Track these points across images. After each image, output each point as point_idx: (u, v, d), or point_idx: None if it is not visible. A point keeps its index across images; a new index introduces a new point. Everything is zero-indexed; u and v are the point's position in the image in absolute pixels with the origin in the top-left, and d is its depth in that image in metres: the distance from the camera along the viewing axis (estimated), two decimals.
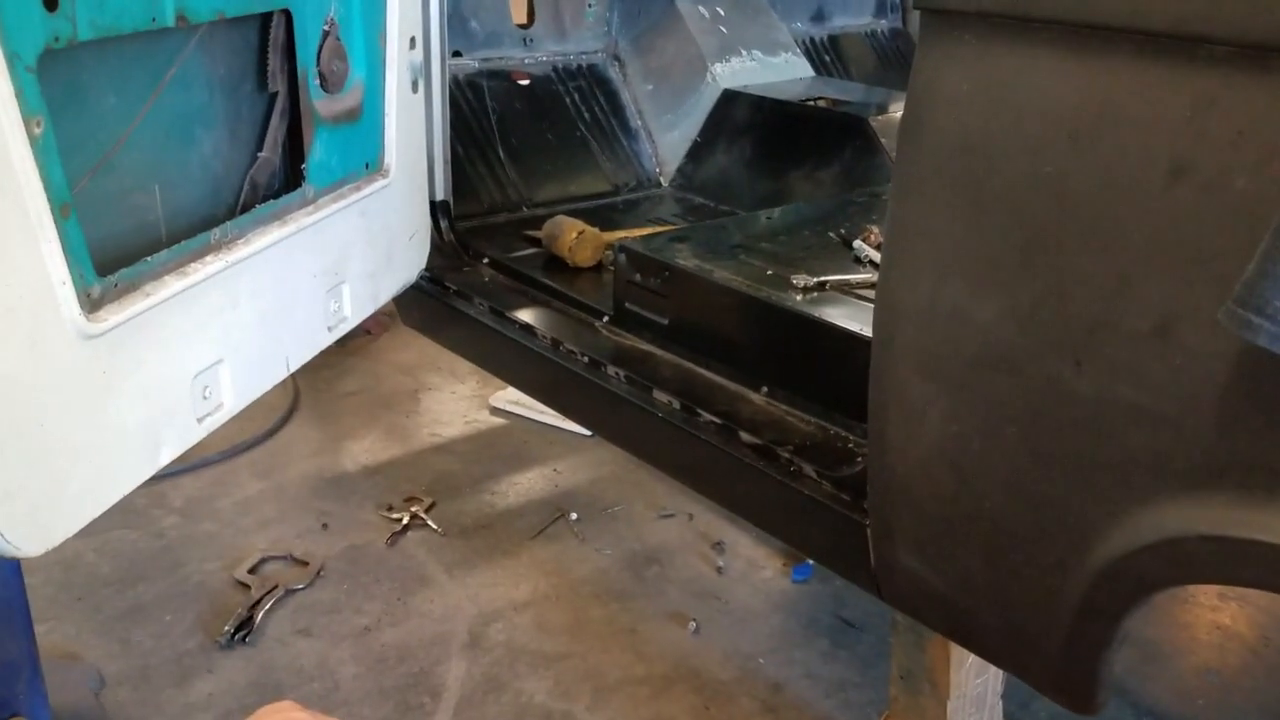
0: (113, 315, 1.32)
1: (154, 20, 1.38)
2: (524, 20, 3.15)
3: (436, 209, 2.54)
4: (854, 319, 1.79)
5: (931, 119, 1.26)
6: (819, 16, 3.74)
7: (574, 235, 2.57)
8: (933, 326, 1.31)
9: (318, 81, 1.79)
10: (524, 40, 3.10)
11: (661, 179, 3.23)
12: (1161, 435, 1.11)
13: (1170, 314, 1.07)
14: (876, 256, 2.03)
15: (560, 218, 2.65)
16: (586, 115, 3.17)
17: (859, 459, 1.64)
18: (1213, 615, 2.52)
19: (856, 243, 2.14)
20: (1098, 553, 1.20)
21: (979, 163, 1.21)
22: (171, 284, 1.44)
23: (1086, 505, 1.20)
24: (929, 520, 1.39)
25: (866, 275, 1.96)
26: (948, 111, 1.23)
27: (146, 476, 1.44)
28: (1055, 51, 1.13)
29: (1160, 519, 1.13)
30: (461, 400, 3.67)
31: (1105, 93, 1.09)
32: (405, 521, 2.88)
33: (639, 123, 3.24)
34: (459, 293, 2.48)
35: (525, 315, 2.36)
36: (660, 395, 1.98)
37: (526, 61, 3.10)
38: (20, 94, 1.16)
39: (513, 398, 3.51)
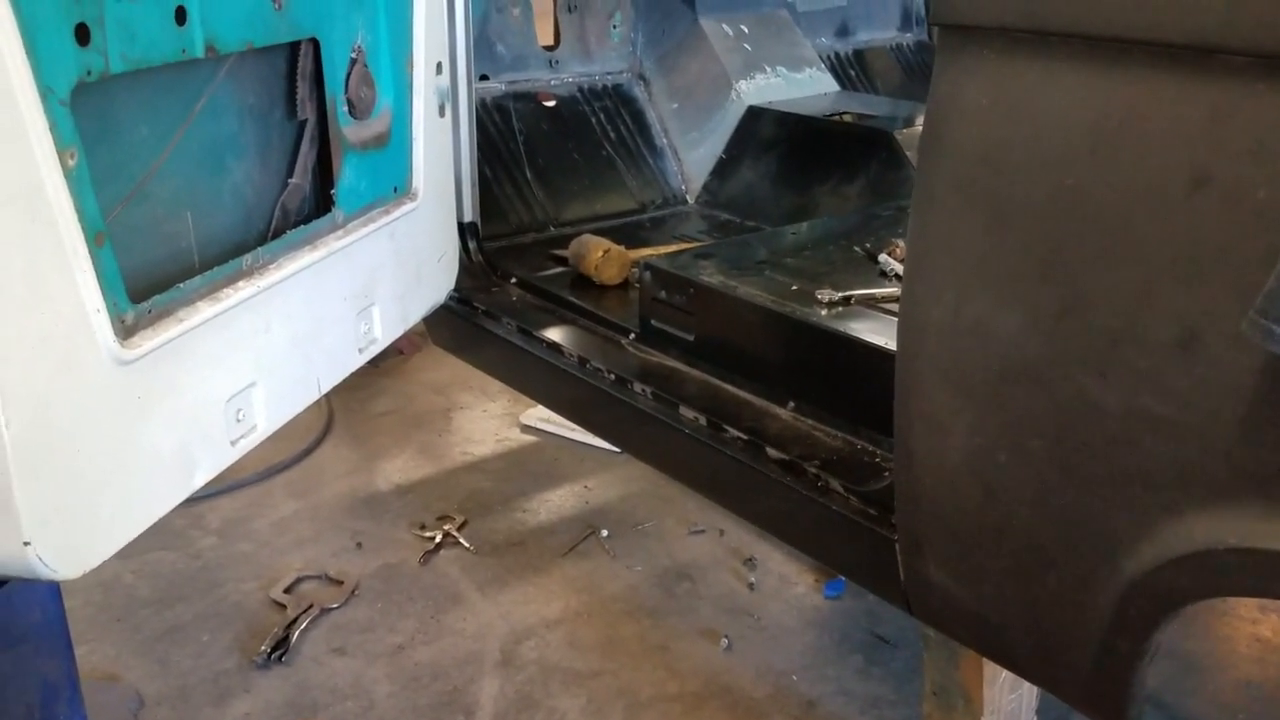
0: (146, 341, 1.35)
1: (184, 52, 1.41)
2: (550, 42, 3.18)
3: (464, 230, 2.57)
4: (879, 333, 1.79)
5: (951, 133, 1.26)
6: (843, 31, 3.75)
7: (600, 254, 2.59)
8: (957, 339, 1.31)
9: (346, 108, 1.81)
10: (550, 62, 3.13)
11: (687, 196, 3.25)
12: (1188, 446, 1.10)
13: (1194, 325, 1.06)
14: (902, 271, 2.03)
15: (586, 237, 2.67)
16: (612, 134, 3.19)
17: (886, 473, 1.64)
18: (1253, 628, 2.48)
19: (882, 257, 2.14)
20: (1127, 565, 1.19)
21: (1000, 176, 1.22)
22: (204, 309, 1.47)
23: (1115, 518, 1.19)
24: (957, 535, 1.39)
25: (892, 289, 1.96)
26: (967, 125, 1.24)
27: (181, 499, 1.46)
28: (1073, 64, 1.13)
29: (1189, 531, 1.12)
30: (493, 419, 3.69)
31: (1124, 105, 1.09)
32: (438, 540, 2.90)
33: (664, 141, 3.26)
34: (487, 312, 2.50)
35: (553, 334, 2.37)
36: (687, 411, 1.98)
37: (552, 83, 3.13)
38: (54, 127, 1.18)
39: (543, 415, 3.53)
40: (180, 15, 1.39)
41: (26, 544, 1.19)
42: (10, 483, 1.17)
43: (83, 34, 1.23)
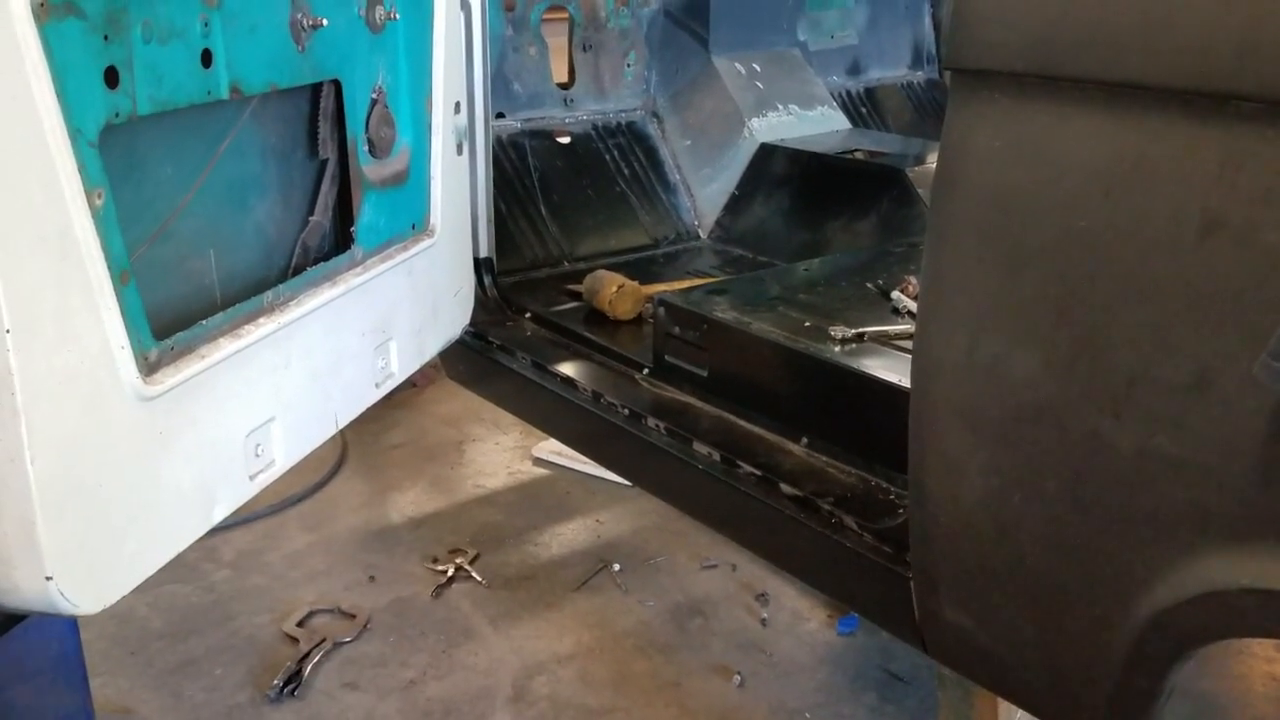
0: (169, 378, 1.37)
1: (209, 93, 1.44)
2: (565, 80, 3.22)
3: (480, 265, 2.60)
4: (893, 370, 1.80)
5: (965, 175, 1.28)
6: (855, 70, 3.78)
7: (614, 289, 2.60)
8: (971, 379, 1.32)
9: (366, 147, 1.84)
10: (565, 100, 3.17)
11: (700, 231, 3.27)
12: (1203, 487, 1.10)
13: (1207, 366, 1.07)
14: (915, 308, 2.04)
15: (600, 272, 2.69)
16: (626, 171, 3.22)
17: (901, 511, 1.64)
18: (1268, 667, 2.46)
19: (895, 294, 2.15)
20: (1142, 605, 1.19)
21: (1013, 218, 1.23)
22: (225, 346, 1.49)
23: (1130, 558, 1.19)
24: (972, 573, 1.39)
25: (905, 326, 1.97)
26: (980, 168, 1.25)
27: (200, 534, 1.47)
28: (1085, 109, 1.15)
29: (1204, 571, 1.12)
30: (505, 451, 3.70)
31: (1136, 149, 1.11)
32: (450, 573, 2.90)
33: (677, 177, 3.29)
34: (502, 347, 2.52)
35: (566, 369, 2.39)
36: (700, 447, 1.99)
37: (567, 120, 3.17)
38: (83, 168, 1.21)
39: (555, 448, 3.53)
40: (206, 58, 1.42)
41: (49, 579, 1.21)
42: (34, 518, 1.19)
43: (112, 77, 1.26)
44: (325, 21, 1.61)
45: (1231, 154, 1.03)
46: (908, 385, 1.43)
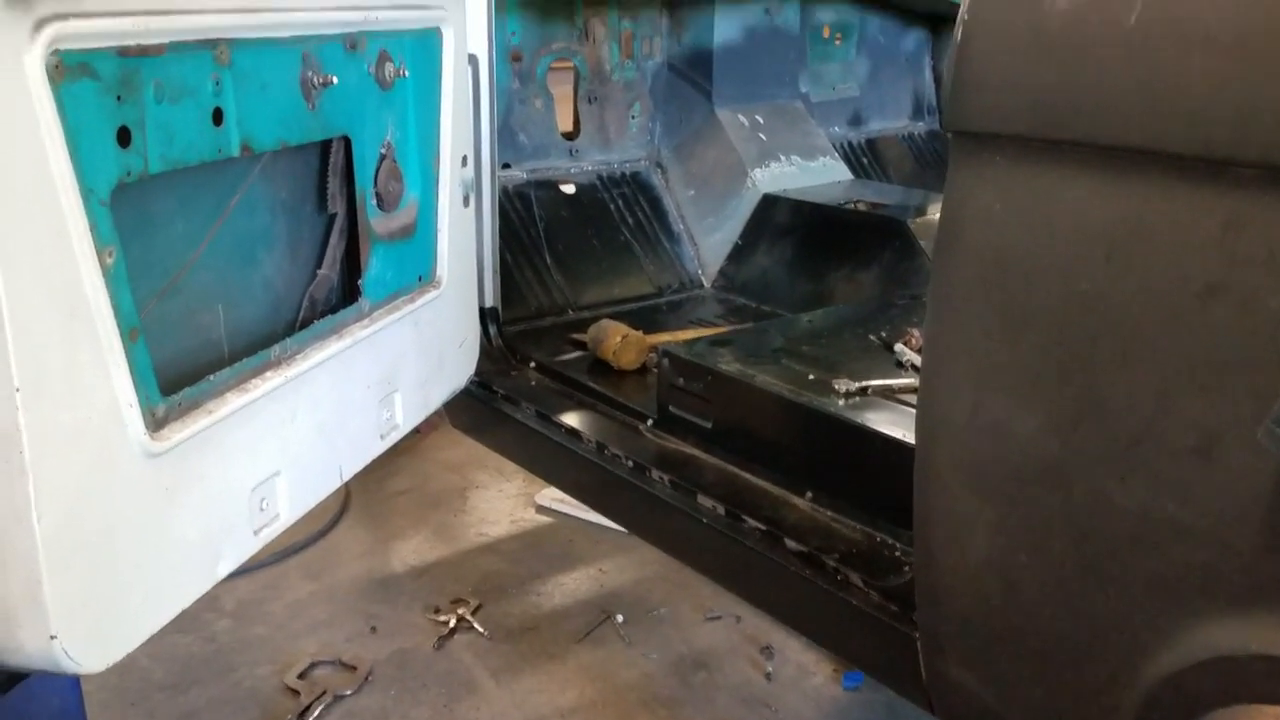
0: (176, 434, 1.37)
1: (220, 151, 1.46)
2: (569, 129, 3.26)
3: (485, 315, 2.61)
4: (897, 425, 1.80)
5: (966, 236, 1.29)
6: (856, 121, 3.82)
7: (618, 339, 2.61)
8: (975, 439, 1.32)
9: (375, 201, 1.86)
10: (570, 151, 3.20)
11: (704, 280, 3.29)
12: (1209, 551, 1.10)
13: (1211, 430, 1.07)
14: (918, 361, 2.04)
15: (605, 322, 2.70)
16: (630, 220, 3.24)
17: (907, 568, 1.64)
18: None
19: (898, 346, 2.16)
20: (1150, 669, 1.19)
21: (1015, 279, 1.24)
22: (232, 400, 1.49)
23: (1137, 621, 1.19)
24: (979, 634, 1.38)
25: (909, 380, 1.98)
26: (982, 229, 1.26)
27: (205, 590, 1.47)
28: (1085, 172, 1.16)
29: (1211, 636, 1.11)
30: (508, 498, 3.69)
31: (1137, 213, 1.12)
32: (452, 624, 2.88)
33: (681, 226, 3.32)
34: (506, 397, 2.53)
35: (571, 419, 2.39)
36: (705, 500, 1.99)
37: (572, 171, 3.20)
38: (94, 227, 1.22)
39: (558, 495, 3.52)
40: (218, 116, 1.44)
41: (53, 637, 1.20)
42: (40, 576, 1.18)
43: (124, 136, 1.28)
44: (335, 79, 1.63)
45: (1232, 219, 1.04)
46: (912, 441, 1.43)
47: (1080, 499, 1.21)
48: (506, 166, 3.02)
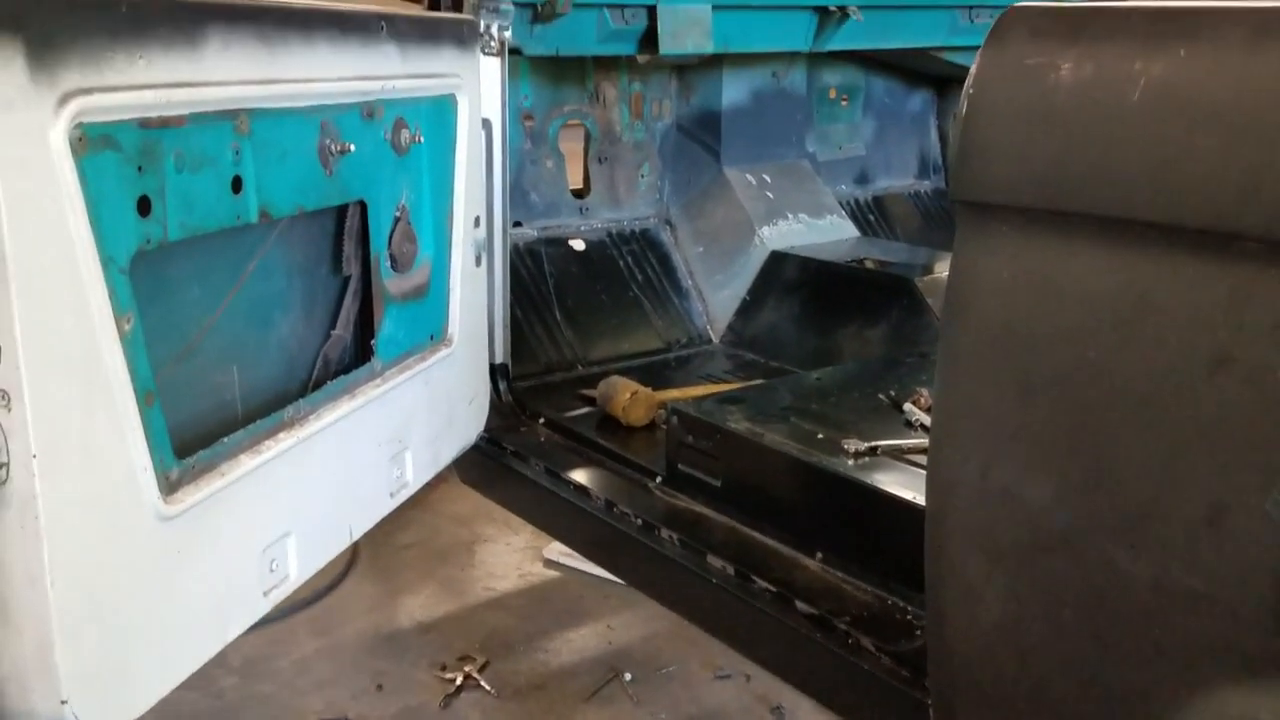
0: (189, 496, 1.38)
1: (238, 218, 1.48)
2: (579, 185, 3.30)
3: (496, 371, 2.62)
4: (907, 487, 1.80)
5: (974, 304, 1.30)
6: (862, 179, 3.86)
7: (628, 396, 2.62)
8: (986, 504, 1.32)
9: (389, 263, 1.88)
10: (580, 209, 3.24)
11: (713, 336, 3.31)
12: (1220, 622, 1.10)
13: (1221, 500, 1.08)
14: (927, 420, 2.05)
15: (614, 378, 2.71)
16: (639, 276, 3.27)
17: (918, 632, 1.63)
18: None
19: (907, 406, 2.17)
20: None
21: (1023, 346, 1.25)
22: (245, 462, 1.50)
23: (1150, 689, 1.18)
24: (992, 701, 1.37)
25: (918, 440, 1.98)
26: (989, 297, 1.28)
27: (214, 653, 1.47)
28: (1091, 242, 1.17)
29: (1224, 706, 1.10)
30: (516, 552, 3.68)
31: (1143, 284, 1.13)
32: (459, 682, 2.87)
33: (690, 282, 3.34)
34: (516, 453, 2.53)
35: (580, 476, 2.39)
36: (714, 560, 1.98)
37: (582, 228, 3.23)
38: (113, 295, 1.24)
39: (566, 549, 3.51)
40: (236, 184, 1.46)
41: (64, 702, 1.21)
42: (52, 641, 1.19)
43: (144, 206, 1.30)
44: (353, 147, 1.66)
45: (1239, 291, 1.05)
46: (922, 503, 1.43)
47: (1091, 567, 1.20)
48: (518, 224, 3.05)
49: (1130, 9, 1.18)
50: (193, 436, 1.46)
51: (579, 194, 3.28)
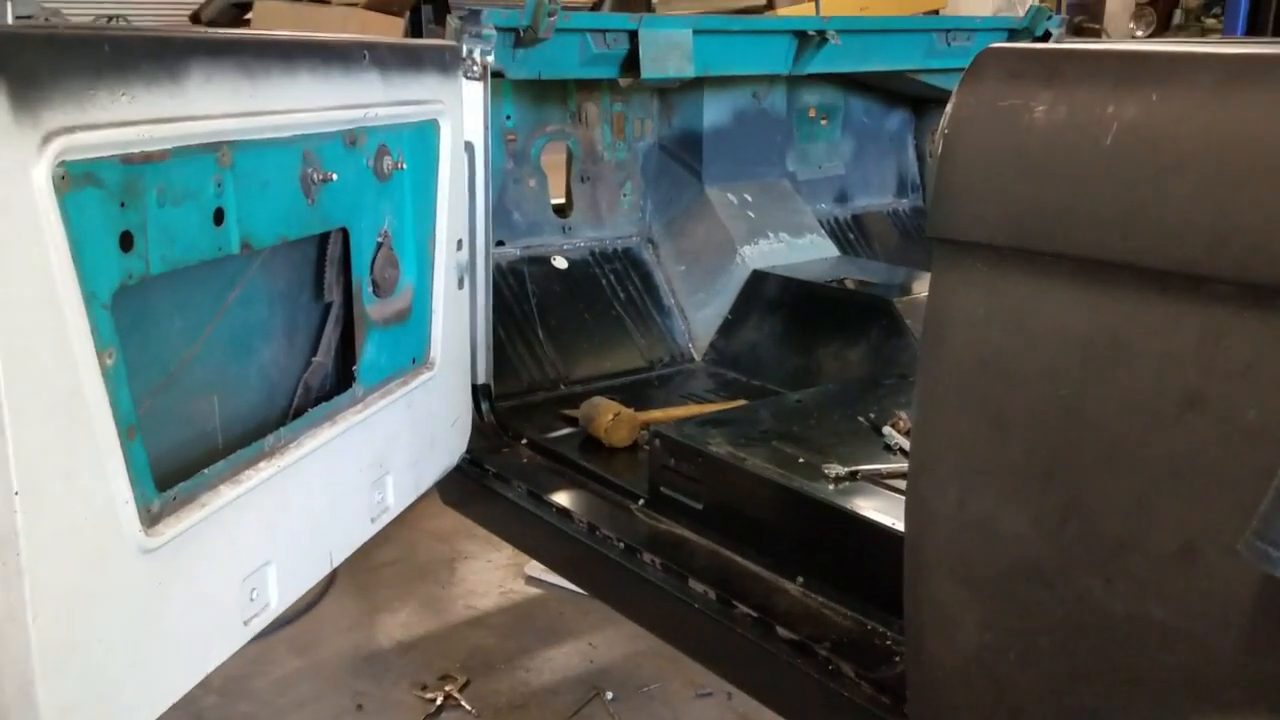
0: (170, 528, 1.38)
1: (220, 250, 1.48)
2: (562, 202, 3.31)
3: (478, 392, 2.62)
4: (887, 513, 1.82)
5: (951, 339, 1.32)
6: (842, 198, 3.89)
7: (610, 417, 2.63)
8: (963, 534, 1.34)
9: (371, 288, 1.89)
10: (563, 228, 3.25)
11: (695, 354, 3.32)
12: (1193, 654, 1.12)
13: (1192, 536, 1.10)
14: (906, 444, 2.07)
15: (597, 399, 2.72)
16: (622, 295, 3.28)
17: (898, 659, 1.65)
18: None
19: (886, 429, 2.18)
20: None
21: (998, 381, 1.27)
22: (226, 493, 1.50)
23: None
24: None
25: (898, 465, 2.00)
26: (965, 333, 1.29)
27: (194, 683, 1.47)
28: (1065, 283, 1.19)
29: None
30: (497, 569, 3.68)
31: (1115, 323, 1.15)
32: (440, 702, 2.86)
33: (672, 301, 3.36)
34: (498, 474, 2.53)
35: (562, 498, 2.40)
36: (696, 585, 1.99)
37: (565, 247, 3.24)
38: (95, 330, 1.24)
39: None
40: (218, 216, 1.47)
41: None
42: (33, 677, 1.19)
43: (126, 241, 1.30)
44: (335, 175, 1.66)
45: (1210, 332, 1.07)
46: (901, 529, 1.45)
47: (1066, 598, 1.22)
48: (500, 244, 3.06)
49: (1103, 52, 1.21)
50: (174, 468, 1.46)
51: (561, 212, 3.29)
